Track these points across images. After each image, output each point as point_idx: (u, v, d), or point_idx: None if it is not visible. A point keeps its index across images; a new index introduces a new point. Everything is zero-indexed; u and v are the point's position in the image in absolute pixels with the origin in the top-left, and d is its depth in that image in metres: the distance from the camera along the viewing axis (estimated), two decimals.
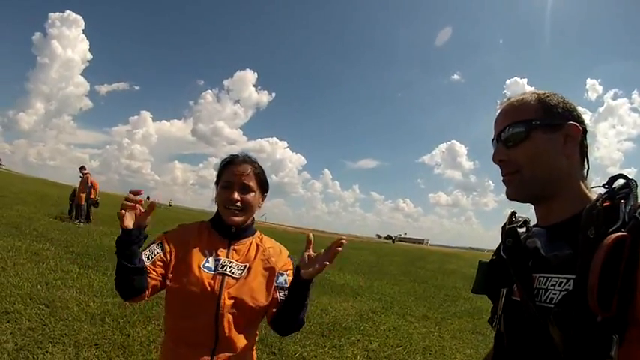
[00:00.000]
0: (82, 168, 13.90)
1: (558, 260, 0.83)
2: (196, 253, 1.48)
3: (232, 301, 1.43)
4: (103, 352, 3.64)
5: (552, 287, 0.82)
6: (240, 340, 1.47)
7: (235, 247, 1.55)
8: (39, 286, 5.11)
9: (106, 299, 5.14)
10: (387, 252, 27.60)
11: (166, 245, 1.49)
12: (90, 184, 13.89)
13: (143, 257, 1.41)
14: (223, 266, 1.47)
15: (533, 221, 1.00)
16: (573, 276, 0.76)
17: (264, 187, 1.61)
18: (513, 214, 1.02)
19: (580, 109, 0.95)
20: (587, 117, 0.96)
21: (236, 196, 1.51)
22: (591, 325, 0.68)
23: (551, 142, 0.90)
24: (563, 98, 0.94)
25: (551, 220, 0.92)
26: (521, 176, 0.93)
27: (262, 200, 1.64)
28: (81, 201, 13.58)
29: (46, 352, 3.44)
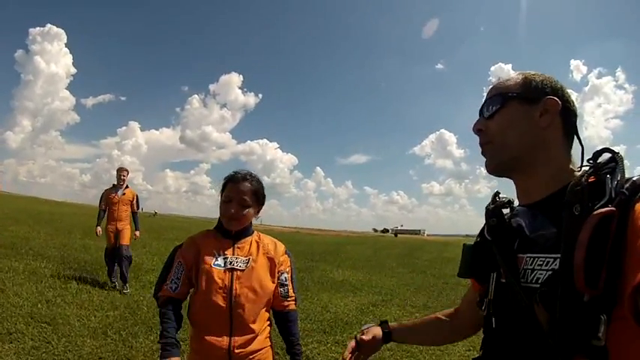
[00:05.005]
0: (120, 170, 7.17)
1: (544, 240, 0.81)
2: (207, 256, 1.79)
3: (244, 289, 1.75)
4: None
5: (539, 267, 0.80)
6: (253, 326, 1.79)
7: (238, 245, 1.86)
8: (39, 305, 5.11)
9: (106, 313, 5.16)
10: (384, 245, 27.67)
11: (184, 262, 1.81)
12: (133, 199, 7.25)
13: (171, 283, 1.78)
14: (231, 262, 1.79)
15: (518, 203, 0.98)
16: (559, 255, 0.73)
17: (260, 200, 1.91)
18: (497, 194, 0.99)
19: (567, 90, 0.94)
20: (573, 97, 0.94)
21: (234, 210, 1.80)
22: (578, 305, 0.66)
23: (525, 113, 0.90)
24: (550, 77, 0.93)
25: (533, 198, 0.90)
26: (493, 145, 0.94)
27: (258, 211, 1.93)
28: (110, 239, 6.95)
29: None
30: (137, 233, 7.35)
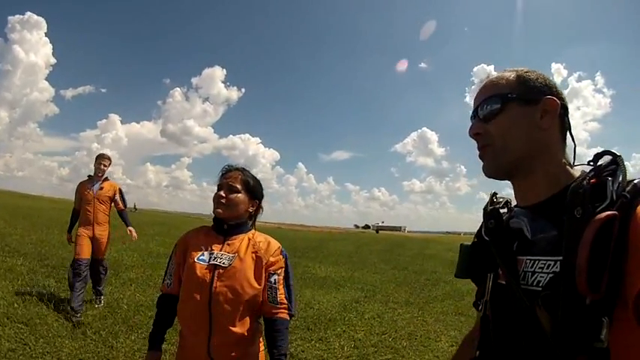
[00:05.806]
0: (100, 157, 5.35)
1: (545, 242, 0.81)
2: (194, 250, 1.76)
3: (223, 287, 1.67)
4: None
5: (540, 270, 0.79)
6: (234, 329, 1.68)
7: (229, 242, 1.79)
8: (15, 304, 4.95)
9: (85, 312, 5.03)
10: (366, 241, 27.80)
11: (176, 257, 1.84)
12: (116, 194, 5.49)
13: (167, 279, 1.85)
14: (215, 258, 1.72)
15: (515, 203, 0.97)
16: (560, 258, 0.73)
17: (251, 191, 1.85)
18: (494, 194, 0.99)
19: None
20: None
21: (222, 193, 1.77)
22: (580, 308, 0.66)
23: (526, 115, 0.87)
24: (543, 75, 0.91)
25: (532, 199, 0.88)
26: (493, 148, 0.90)
27: (253, 205, 1.88)
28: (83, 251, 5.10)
29: None
30: (132, 230, 5.57)
